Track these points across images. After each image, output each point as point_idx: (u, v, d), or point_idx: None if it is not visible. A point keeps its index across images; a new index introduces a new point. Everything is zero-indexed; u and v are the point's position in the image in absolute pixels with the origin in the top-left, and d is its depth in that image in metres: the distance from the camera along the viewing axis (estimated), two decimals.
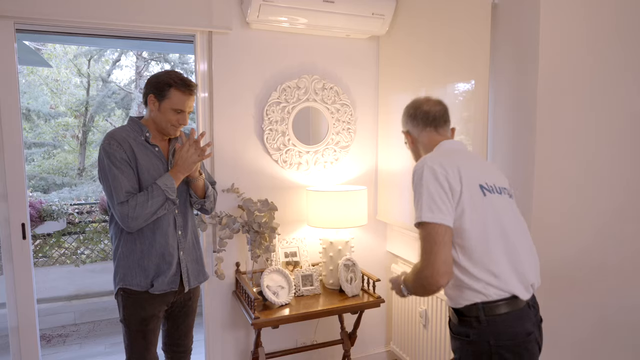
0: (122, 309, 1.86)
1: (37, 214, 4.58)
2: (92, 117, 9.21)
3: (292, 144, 2.59)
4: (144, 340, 1.86)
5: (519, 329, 1.31)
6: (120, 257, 1.83)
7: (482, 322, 1.30)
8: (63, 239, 5.05)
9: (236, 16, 2.42)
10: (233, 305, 2.57)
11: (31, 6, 2.04)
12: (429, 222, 1.28)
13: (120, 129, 1.84)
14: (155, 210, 1.76)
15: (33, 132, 8.89)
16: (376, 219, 2.85)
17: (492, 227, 1.33)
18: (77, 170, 9.26)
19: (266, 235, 2.40)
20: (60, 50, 8.82)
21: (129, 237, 1.82)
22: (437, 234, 1.28)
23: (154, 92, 1.80)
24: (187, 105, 1.82)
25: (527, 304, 1.35)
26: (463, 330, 1.35)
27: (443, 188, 1.30)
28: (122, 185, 1.73)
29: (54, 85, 9.19)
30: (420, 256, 1.31)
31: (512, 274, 1.32)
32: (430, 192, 1.30)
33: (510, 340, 1.29)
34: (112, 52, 9.03)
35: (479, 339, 1.31)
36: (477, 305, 1.31)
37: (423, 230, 1.30)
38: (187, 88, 1.80)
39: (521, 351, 1.29)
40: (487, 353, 1.30)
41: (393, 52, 2.63)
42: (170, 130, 1.84)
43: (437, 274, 1.26)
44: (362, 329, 2.73)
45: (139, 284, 1.81)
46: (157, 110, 1.81)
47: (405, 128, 1.62)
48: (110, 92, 8.99)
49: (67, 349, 3.54)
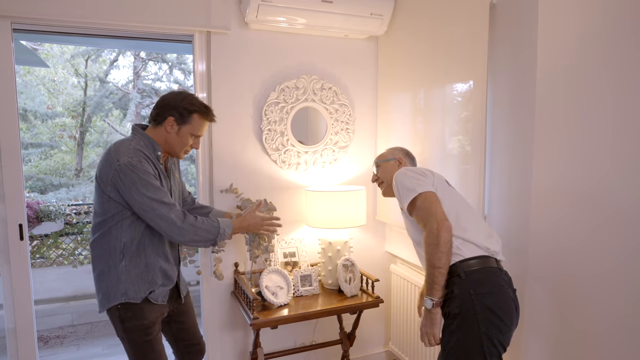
0: (121, 324, 1.76)
1: (34, 215, 4.56)
2: (89, 117, 9.18)
3: (290, 144, 2.59)
4: (153, 351, 1.79)
5: (493, 280, 1.56)
6: (122, 272, 1.74)
7: (462, 277, 1.55)
8: (60, 240, 5.03)
9: (235, 16, 2.42)
10: (232, 305, 2.56)
11: (28, 6, 2.03)
12: (421, 192, 1.61)
13: (137, 144, 1.76)
14: (199, 240, 1.77)
15: (30, 133, 8.86)
16: (375, 219, 2.85)
17: (458, 204, 1.67)
18: (75, 171, 9.23)
19: (265, 235, 2.40)
20: (57, 50, 8.79)
21: (139, 249, 1.76)
22: (430, 197, 1.60)
23: (174, 116, 1.78)
24: (205, 130, 1.88)
25: (499, 268, 1.61)
26: (448, 289, 1.58)
27: (419, 173, 1.68)
28: (166, 195, 1.71)
29: (51, 85, 9.16)
30: (425, 222, 1.58)
31: (479, 235, 1.61)
32: (409, 176, 1.67)
33: (487, 288, 1.54)
34: (110, 52, 9.00)
35: (461, 291, 1.54)
36: (456, 265, 1.56)
37: (418, 201, 1.61)
38: (209, 114, 1.84)
39: (498, 299, 1.53)
40: (468, 300, 1.52)
41: (392, 52, 2.63)
42: (182, 154, 1.85)
43: (442, 222, 1.54)
44: (361, 329, 2.73)
45: (142, 296, 1.76)
46: (176, 134, 1.79)
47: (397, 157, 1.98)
48: (108, 92, 8.96)
49: (65, 350, 3.53)
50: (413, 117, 2.44)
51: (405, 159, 1.96)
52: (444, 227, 1.53)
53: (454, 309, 1.55)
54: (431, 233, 1.54)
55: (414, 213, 1.64)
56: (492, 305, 1.51)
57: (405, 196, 1.64)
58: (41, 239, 4.95)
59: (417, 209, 1.62)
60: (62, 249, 5.09)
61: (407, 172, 1.69)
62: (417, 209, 1.62)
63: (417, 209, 1.62)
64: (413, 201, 1.62)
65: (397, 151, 1.99)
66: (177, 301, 1.98)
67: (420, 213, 1.60)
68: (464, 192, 2.02)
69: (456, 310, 1.54)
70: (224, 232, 1.82)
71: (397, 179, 1.70)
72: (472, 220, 1.64)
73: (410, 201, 1.63)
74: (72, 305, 4.31)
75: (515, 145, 1.85)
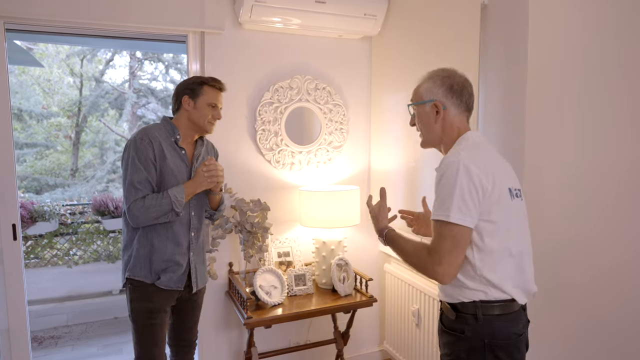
0: (129, 302, 1.88)
1: (28, 215, 4.55)
2: (85, 117, 9.15)
3: (284, 144, 2.59)
4: (152, 335, 1.87)
5: (512, 329, 1.32)
6: (133, 249, 1.86)
7: (479, 320, 1.30)
8: (55, 240, 5.01)
9: (228, 17, 2.42)
10: (226, 305, 2.56)
11: (22, 6, 2.03)
12: (459, 224, 1.25)
13: (155, 126, 1.90)
14: (157, 216, 1.80)
15: (25, 133, 8.82)
16: (369, 219, 2.85)
17: (511, 232, 1.32)
18: (70, 171, 9.20)
19: (259, 235, 2.41)
20: (52, 50, 8.75)
21: (146, 229, 1.84)
22: (463, 237, 1.26)
23: (187, 93, 1.90)
24: (219, 100, 1.95)
25: (521, 307, 1.37)
26: (458, 326, 1.34)
27: (476, 188, 1.26)
28: (141, 181, 1.79)
29: (46, 85, 9.12)
30: (437, 251, 1.27)
31: (517, 280, 1.33)
32: (463, 192, 1.25)
33: (503, 340, 1.30)
34: (105, 52, 8.97)
35: (474, 335, 1.31)
36: (475, 303, 1.31)
37: (448, 230, 1.26)
38: (218, 83, 1.95)
39: (512, 350, 1.31)
40: (480, 350, 1.30)
41: (385, 53, 2.64)
42: (208, 126, 1.93)
43: (448, 275, 1.27)
44: (355, 329, 2.74)
45: (146, 275, 1.84)
46: (194, 109, 1.90)
47: (438, 99, 1.42)
48: (104, 92, 8.94)
49: (60, 350, 3.52)
50: (407, 117, 2.44)
51: (447, 101, 1.41)
52: (444, 278, 1.28)
53: (461, 354, 1.34)
54: (431, 267, 1.28)
55: (434, 228, 1.31)
56: (505, 356, 1.31)
57: (438, 206, 1.29)
58: (35, 239, 4.93)
59: (440, 231, 1.28)
60: (57, 249, 5.08)
61: (460, 180, 1.26)
62: (441, 231, 1.28)
63: (440, 231, 1.28)
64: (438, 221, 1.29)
65: (437, 86, 1.43)
66: (187, 290, 1.97)
67: (441, 240, 1.28)
68: None
69: (463, 355, 1.33)
70: (176, 198, 1.81)
71: (447, 173, 1.28)
72: (518, 254, 1.33)
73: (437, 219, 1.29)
74: (67, 305, 4.30)
75: (506, 144, 1.87)
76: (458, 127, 1.43)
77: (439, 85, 1.42)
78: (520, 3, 1.76)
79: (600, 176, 1.96)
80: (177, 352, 2.11)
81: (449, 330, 1.38)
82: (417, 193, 2.34)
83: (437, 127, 1.44)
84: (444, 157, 1.34)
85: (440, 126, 1.43)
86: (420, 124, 1.48)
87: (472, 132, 1.43)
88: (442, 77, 1.43)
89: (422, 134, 1.49)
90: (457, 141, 1.40)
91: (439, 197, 1.29)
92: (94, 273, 5.02)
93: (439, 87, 1.42)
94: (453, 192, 1.25)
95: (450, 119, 1.42)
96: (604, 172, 1.96)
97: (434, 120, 1.43)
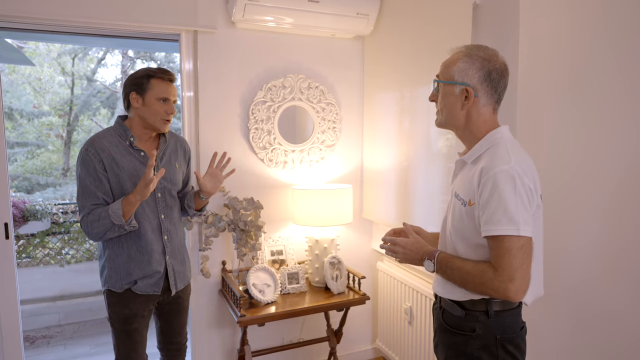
0: (107, 307, 1.87)
1: (20, 214, 4.53)
2: (76, 116, 9.10)
3: (277, 143, 2.60)
4: (129, 340, 1.86)
5: (519, 322, 1.31)
6: (107, 258, 1.82)
7: (490, 316, 1.25)
8: (47, 239, 4.99)
9: (221, 15, 2.42)
10: (219, 303, 2.57)
11: (12, 4, 2.01)
12: (523, 235, 1.14)
13: (104, 133, 1.81)
14: (104, 231, 1.71)
15: (16, 132, 8.75)
16: (361, 217, 2.87)
17: (537, 238, 1.25)
18: (62, 170, 9.14)
19: (252, 233, 2.42)
20: (43, 49, 8.68)
21: (116, 240, 1.80)
22: (530, 247, 1.16)
23: (134, 89, 1.79)
24: (171, 92, 1.81)
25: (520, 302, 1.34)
26: (468, 324, 1.28)
27: (529, 199, 1.18)
28: (89, 196, 1.73)
29: (37, 84, 9.06)
30: (505, 268, 1.14)
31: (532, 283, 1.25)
32: (524, 203, 1.16)
33: (513, 333, 1.28)
34: (97, 51, 8.93)
35: (485, 332, 1.26)
36: (487, 300, 1.25)
37: (516, 243, 1.14)
38: (166, 74, 1.80)
39: (520, 343, 1.30)
40: (492, 346, 1.26)
41: (378, 52, 2.65)
42: (160, 124, 1.81)
43: (522, 291, 1.15)
44: (348, 327, 2.76)
45: (121, 287, 1.82)
46: (143, 105, 1.78)
47: (472, 84, 1.26)
48: (95, 91, 8.90)
49: (52, 350, 3.51)
50: (399, 116, 2.47)
51: (481, 89, 1.25)
52: (518, 294, 1.14)
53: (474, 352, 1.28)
54: (500, 283, 1.14)
55: (493, 244, 1.17)
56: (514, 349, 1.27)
57: (497, 221, 1.15)
58: (27, 239, 4.90)
59: (504, 246, 1.15)
60: (49, 248, 5.06)
61: (519, 190, 1.16)
62: (505, 248, 1.15)
63: (504, 246, 1.15)
64: (505, 236, 1.15)
65: (474, 69, 1.25)
66: (167, 293, 1.94)
67: (506, 255, 1.14)
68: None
69: (477, 354, 1.27)
70: (114, 212, 1.68)
71: (502, 181, 1.16)
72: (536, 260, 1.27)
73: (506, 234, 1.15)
74: (59, 304, 4.28)
75: None
76: (485, 120, 1.29)
77: (476, 69, 1.25)
78: (511, 2, 1.78)
79: (595, 176, 1.98)
80: (167, 356, 2.10)
81: (456, 329, 1.31)
82: (410, 191, 2.36)
83: (462, 113, 1.29)
84: (490, 163, 1.20)
85: (465, 113, 1.28)
86: (443, 103, 1.31)
87: (505, 129, 1.30)
88: (482, 59, 1.25)
89: (442, 114, 1.33)
90: (491, 138, 1.27)
91: (497, 209, 1.16)
92: (86, 272, 5.00)
93: (476, 70, 1.25)
94: (514, 202, 1.15)
95: (478, 108, 1.27)
96: (599, 171, 1.99)
97: (461, 106, 1.28)
